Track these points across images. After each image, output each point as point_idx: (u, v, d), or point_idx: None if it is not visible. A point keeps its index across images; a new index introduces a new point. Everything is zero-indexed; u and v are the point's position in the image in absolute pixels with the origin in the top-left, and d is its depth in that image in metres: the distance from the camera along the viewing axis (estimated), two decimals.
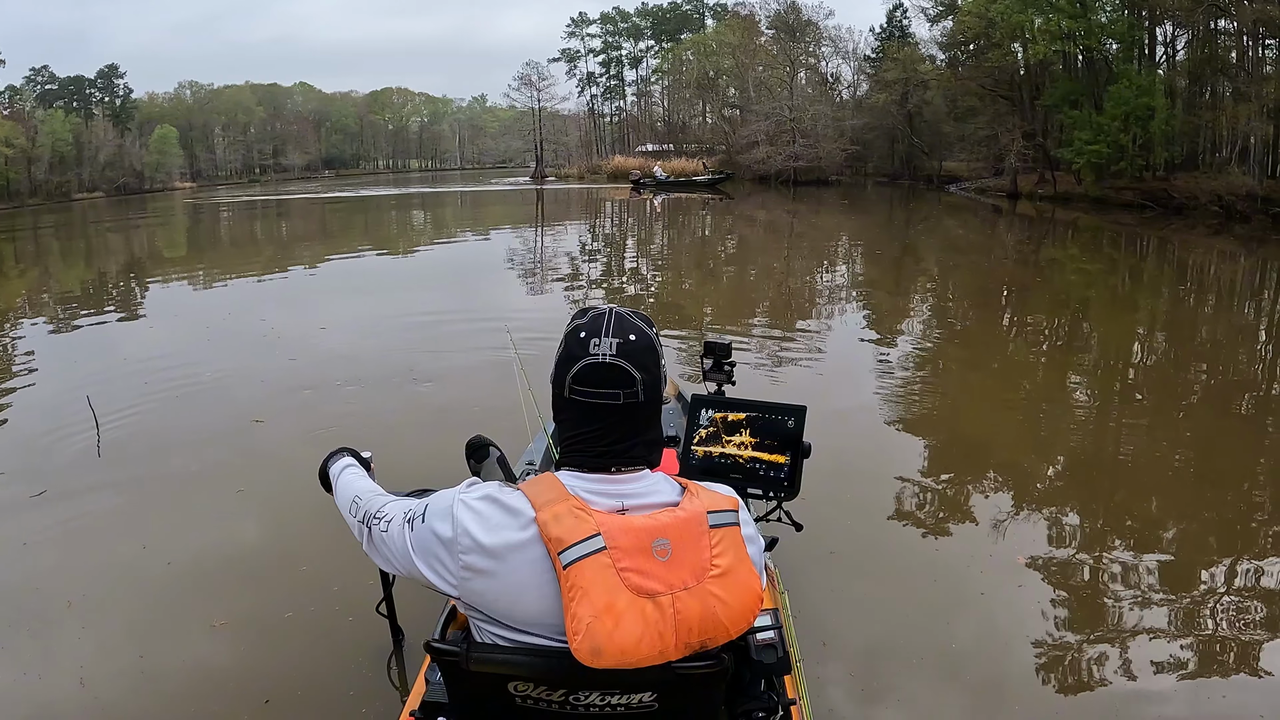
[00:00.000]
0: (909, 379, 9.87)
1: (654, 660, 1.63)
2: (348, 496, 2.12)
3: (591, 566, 1.61)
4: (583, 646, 1.59)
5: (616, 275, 20.01)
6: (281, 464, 6.84)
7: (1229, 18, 37.36)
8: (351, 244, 27.00)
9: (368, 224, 36.39)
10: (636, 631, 1.60)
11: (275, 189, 75.21)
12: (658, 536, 1.65)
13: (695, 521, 1.69)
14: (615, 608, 1.60)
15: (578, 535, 1.63)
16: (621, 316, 1.79)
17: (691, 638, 1.65)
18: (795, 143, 56.97)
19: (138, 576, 4.97)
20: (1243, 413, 8.88)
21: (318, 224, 36.79)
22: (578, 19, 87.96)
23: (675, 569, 1.65)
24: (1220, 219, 31.82)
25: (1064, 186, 41.84)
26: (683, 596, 1.64)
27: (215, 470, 6.75)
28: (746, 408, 2.83)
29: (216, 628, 4.38)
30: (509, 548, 1.68)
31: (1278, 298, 17.74)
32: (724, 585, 1.68)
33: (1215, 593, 4.73)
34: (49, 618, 4.50)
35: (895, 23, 62.62)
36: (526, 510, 1.69)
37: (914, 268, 21.61)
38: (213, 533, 5.56)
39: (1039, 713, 3.75)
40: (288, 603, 4.57)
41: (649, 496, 1.75)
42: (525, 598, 1.69)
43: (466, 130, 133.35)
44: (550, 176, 76.85)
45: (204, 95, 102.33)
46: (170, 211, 46.97)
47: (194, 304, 15.68)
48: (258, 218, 40.59)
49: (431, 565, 1.77)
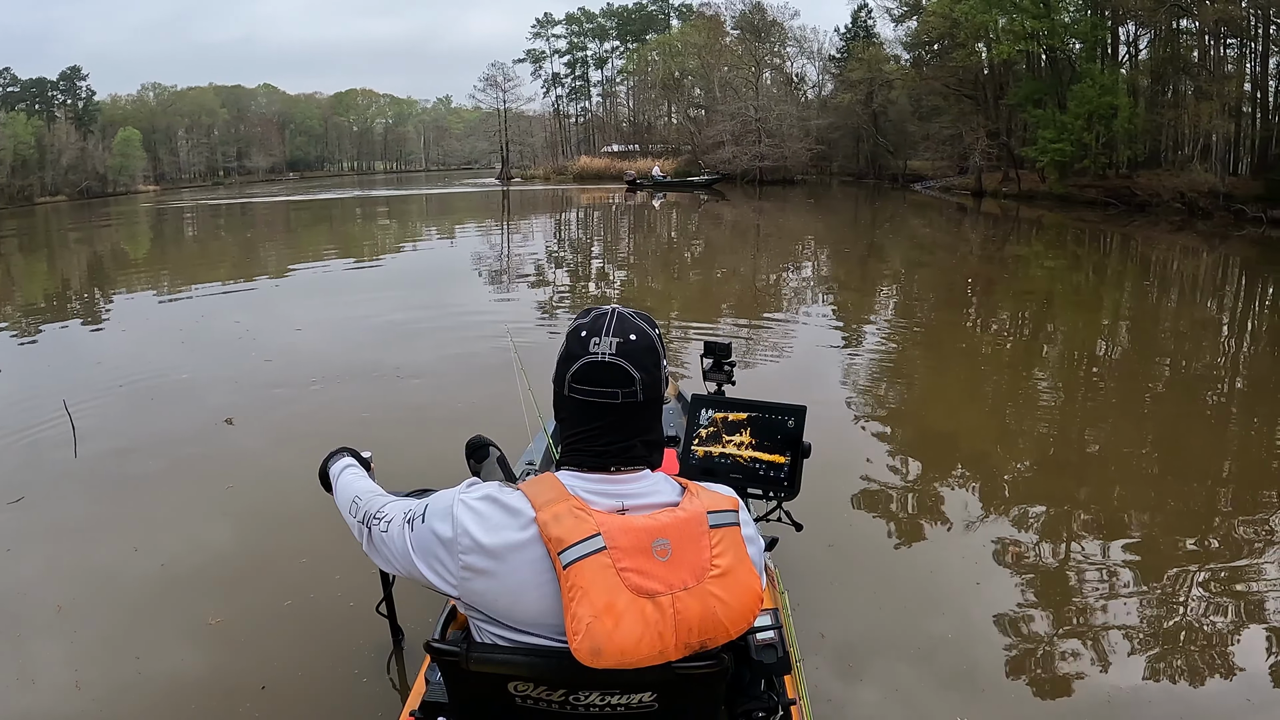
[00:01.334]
0: (878, 374, 9.84)
1: (654, 660, 1.62)
2: (348, 497, 2.11)
3: (591, 566, 1.60)
4: (583, 646, 1.58)
5: (604, 278, 19.90)
6: (267, 462, 6.79)
7: (1191, 17, 37.87)
8: (317, 249, 26.45)
9: (334, 229, 35.71)
10: (636, 632, 1.60)
11: (239, 192, 74.33)
12: (658, 536, 1.65)
13: (695, 521, 1.69)
14: (615, 608, 1.59)
15: (578, 535, 1.62)
16: (623, 316, 1.79)
17: (691, 638, 1.65)
18: (761, 143, 57.03)
19: (128, 578, 4.89)
20: (1207, 404, 8.93)
21: (284, 228, 36.16)
22: (543, 20, 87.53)
23: (675, 569, 1.65)
24: (1183, 215, 32.17)
25: (1028, 184, 42.24)
26: (683, 597, 1.64)
27: (200, 469, 6.66)
28: (746, 408, 2.86)
29: (212, 625, 4.35)
30: (509, 548, 1.67)
31: (1240, 292, 17.82)
32: (724, 585, 1.67)
33: (1182, 582, 4.77)
34: (38, 623, 4.41)
35: (860, 23, 63.00)
36: (526, 510, 1.69)
37: (880, 266, 21.57)
38: (203, 532, 5.50)
39: (1015, 696, 3.81)
40: (285, 602, 4.53)
41: (649, 496, 1.75)
42: (525, 598, 1.68)
43: (431, 132, 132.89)
44: (516, 177, 76.39)
45: (167, 97, 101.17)
46: (135, 216, 46.13)
47: (165, 309, 15.36)
48: (224, 222, 39.75)
49: (431, 565, 1.76)
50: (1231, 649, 4.09)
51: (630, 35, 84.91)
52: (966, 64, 46.84)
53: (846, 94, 57.27)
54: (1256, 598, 4.55)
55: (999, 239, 28.01)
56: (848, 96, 56.84)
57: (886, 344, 11.61)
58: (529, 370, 4.32)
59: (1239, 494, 6.24)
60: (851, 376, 9.65)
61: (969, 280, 18.44)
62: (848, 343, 11.64)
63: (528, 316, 13.40)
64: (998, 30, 43.92)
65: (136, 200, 69.56)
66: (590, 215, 41.39)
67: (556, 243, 27.98)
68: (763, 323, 12.69)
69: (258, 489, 6.22)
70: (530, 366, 4.34)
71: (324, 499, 2.38)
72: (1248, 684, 3.83)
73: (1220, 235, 27.04)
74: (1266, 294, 17.44)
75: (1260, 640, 4.17)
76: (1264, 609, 4.44)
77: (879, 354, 10.95)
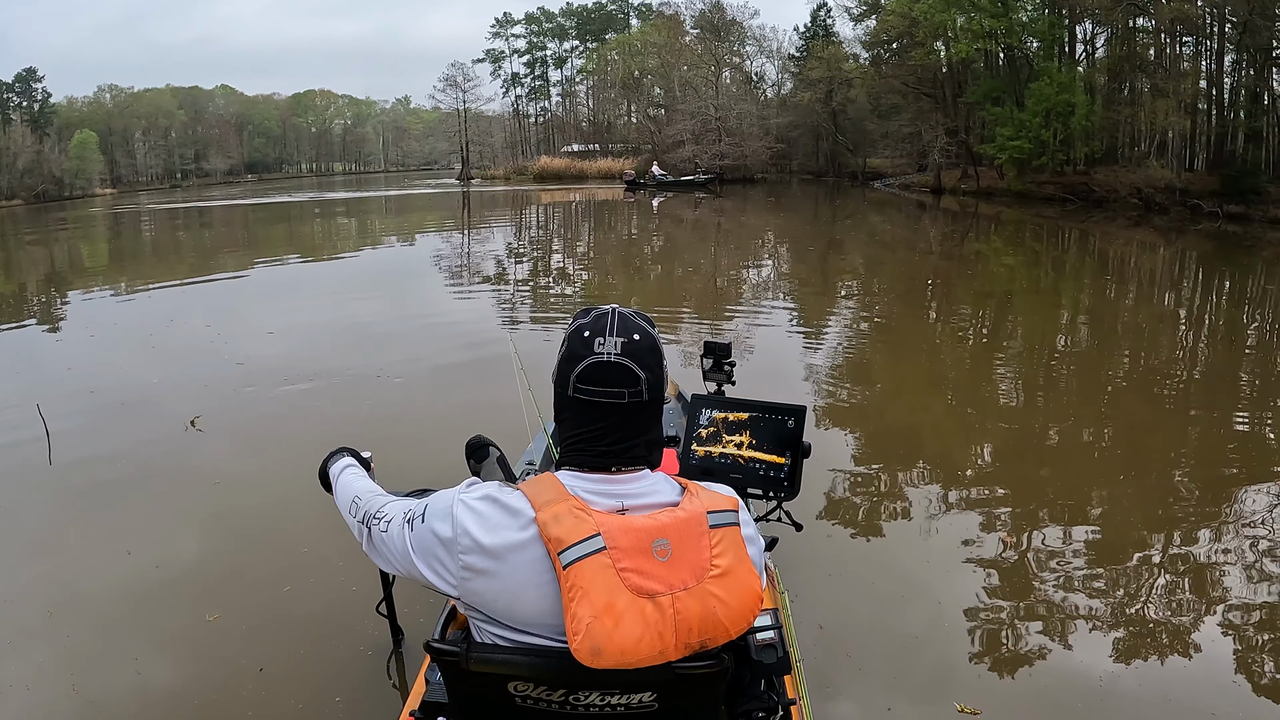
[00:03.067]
0: (840, 372, 9.84)
1: (654, 660, 1.62)
2: (347, 496, 2.10)
3: (591, 567, 1.60)
4: (582, 647, 1.57)
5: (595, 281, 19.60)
6: (251, 465, 6.77)
7: (1148, 16, 38.28)
8: (276, 251, 26.01)
9: (293, 232, 35.06)
10: (636, 632, 1.59)
11: (198, 194, 73.07)
12: (657, 537, 1.64)
13: (695, 521, 1.68)
14: (615, 608, 1.59)
15: (577, 535, 1.62)
16: (625, 316, 1.78)
17: (691, 638, 1.64)
18: (721, 141, 57.08)
19: (122, 581, 4.85)
20: (1165, 396, 9.04)
21: (244, 232, 35.43)
22: (502, 19, 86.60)
23: (675, 569, 1.64)
24: (1140, 211, 32.63)
25: (987, 181, 42.56)
26: (682, 597, 1.63)
27: (180, 472, 6.61)
28: (747, 408, 2.86)
29: (210, 621, 4.35)
30: (509, 548, 1.67)
31: (1197, 286, 18.09)
32: (724, 585, 1.66)
33: (1144, 570, 4.91)
34: (30, 629, 4.36)
35: (819, 22, 62.84)
36: (526, 510, 1.68)
37: (839, 263, 21.50)
38: (197, 534, 5.48)
39: (987, 685, 3.89)
40: (284, 601, 4.52)
41: (649, 496, 1.74)
42: (525, 598, 1.67)
43: (390, 132, 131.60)
44: (476, 178, 75.77)
45: (124, 99, 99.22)
46: (93, 221, 45.14)
47: (132, 314, 14.99)
48: (183, 226, 38.95)
49: (431, 565, 1.74)
50: (1195, 639, 4.19)
51: (590, 35, 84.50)
52: (925, 62, 46.96)
53: (806, 92, 57.21)
54: (1217, 579, 4.74)
55: (958, 236, 28.09)
56: (807, 95, 56.78)
57: (849, 340, 11.63)
58: (528, 370, 4.32)
59: (1199, 484, 6.37)
60: (814, 373, 9.62)
61: (929, 278, 18.45)
62: (809, 339, 11.66)
63: (511, 317, 13.42)
64: (956, 29, 44.15)
65: (94, 204, 67.97)
66: (554, 215, 41.09)
67: (531, 242, 27.79)
68: (726, 319, 12.69)
69: (250, 490, 6.18)
70: (531, 368, 4.26)
71: (323, 499, 2.39)
72: (1211, 663, 3.98)
73: (1177, 230, 27.47)
74: (1223, 287, 17.82)
75: (1219, 621, 4.31)
76: (1224, 590, 4.61)
77: (841, 349, 10.99)
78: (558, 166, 68.88)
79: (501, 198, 53.33)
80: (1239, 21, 33.86)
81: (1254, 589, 4.63)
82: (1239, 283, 18.26)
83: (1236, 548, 5.14)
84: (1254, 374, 10.06)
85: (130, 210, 54.33)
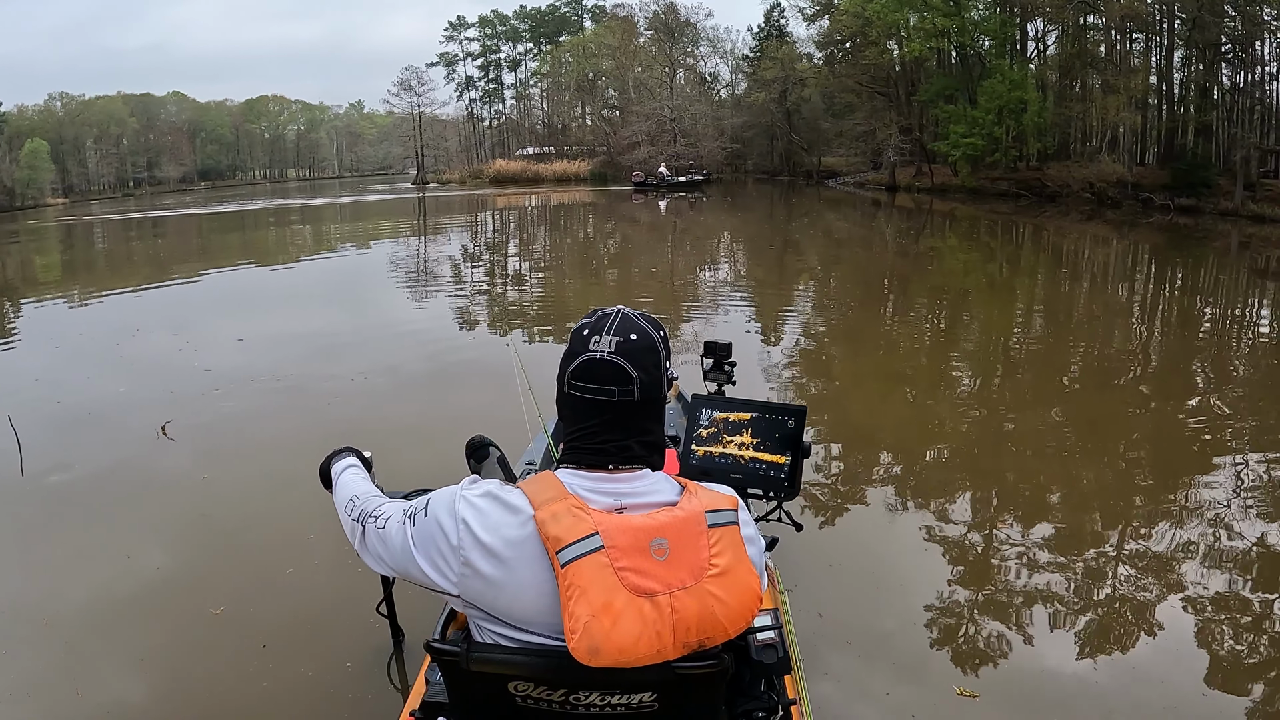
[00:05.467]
0: (797, 368, 9.80)
1: (652, 659, 1.60)
2: (345, 495, 2.07)
3: (589, 566, 1.59)
4: (580, 645, 1.56)
5: None
6: (236, 467, 6.69)
7: (1098, 13, 38.75)
8: (230, 259, 25.55)
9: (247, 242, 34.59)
10: (634, 631, 1.58)
11: (150, 203, 71.27)
12: (655, 536, 1.63)
13: (693, 521, 1.67)
14: (613, 607, 1.57)
15: (575, 534, 1.60)
16: (627, 316, 1.79)
17: (689, 637, 1.63)
18: (676, 142, 57.24)
19: (115, 584, 4.78)
20: (1120, 386, 9.03)
21: (199, 243, 34.76)
22: (456, 23, 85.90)
23: (673, 568, 1.63)
24: (1092, 205, 33.02)
25: (941, 178, 42.99)
26: (680, 596, 1.62)
27: (160, 479, 6.44)
28: (747, 408, 2.89)
29: (216, 614, 4.36)
30: (508, 545, 1.66)
31: (1149, 278, 18.28)
32: (722, 585, 1.65)
33: (1103, 560, 4.92)
34: (25, 638, 4.27)
35: (773, 22, 63.11)
36: (525, 508, 1.67)
37: (797, 262, 21.37)
38: (191, 536, 5.39)
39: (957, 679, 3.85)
40: (283, 600, 4.49)
41: (647, 496, 1.72)
42: (524, 596, 1.66)
43: (344, 138, 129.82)
44: (432, 182, 75.28)
45: (75, 107, 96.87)
46: (46, 234, 44.18)
47: (97, 325, 14.43)
48: (138, 237, 37.93)
49: (433, 560, 1.72)
50: (1158, 624, 4.23)
51: (543, 37, 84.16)
52: (878, 61, 47.36)
53: (760, 93, 57.40)
54: (1174, 568, 4.77)
55: (913, 232, 28.16)
56: (761, 95, 56.98)
57: (806, 337, 11.53)
58: (529, 371, 4.18)
59: (1153, 473, 6.46)
60: (773, 370, 9.53)
61: (885, 275, 18.40)
62: (766, 336, 11.52)
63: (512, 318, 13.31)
64: (909, 28, 44.58)
65: (45, 214, 66.11)
66: (510, 219, 40.60)
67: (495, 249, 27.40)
68: (685, 314, 12.65)
69: (233, 499, 6.03)
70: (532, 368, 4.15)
71: (318, 500, 2.38)
72: (1172, 649, 4.00)
73: (1129, 223, 27.81)
74: (1175, 278, 18.07)
75: (1179, 607, 4.36)
76: (1182, 578, 4.64)
77: (799, 347, 10.90)
78: (513, 169, 68.61)
79: (458, 202, 52.63)
80: (1188, 18, 34.36)
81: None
82: (1190, 274, 18.50)
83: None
84: (1205, 363, 10.14)
85: (84, 222, 53.02)
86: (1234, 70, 35.63)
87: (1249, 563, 4.81)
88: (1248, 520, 5.31)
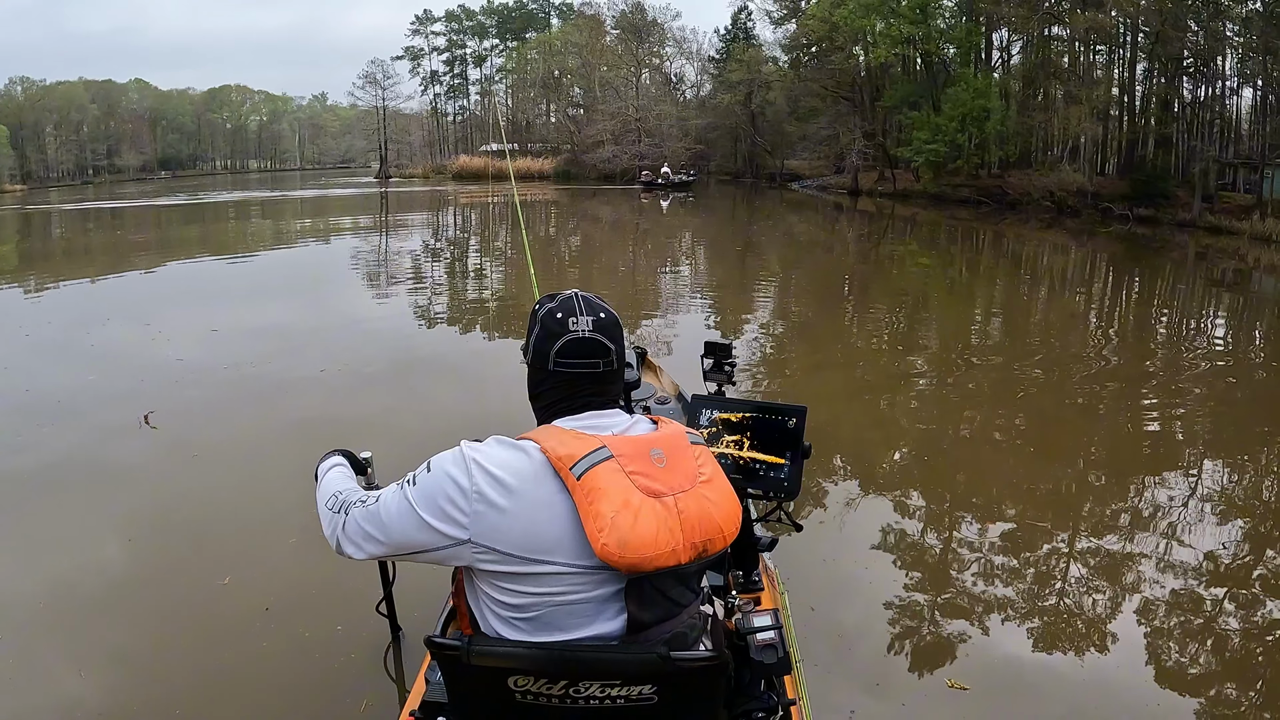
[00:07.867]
0: (759, 371, 9.75)
1: (669, 560, 1.68)
2: (329, 491, 2.07)
3: (604, 471, 1.68)
4: (610, 540, 1.63)
5: None
6: (212, 464, 6.52)
7: (1062, 25, 39.21)
8: (190, 251, 25.16)
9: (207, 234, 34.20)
10: (653, 526, 1.67)
11: (109, 192, 70.10)
12: (653, 447, 1.76)
13: (679, 437, 1.84)
14: (631, 504, 1.66)
15: (585, 449, 1.71)
16: (587, 298, 1.91)
17: (695, 537, 1.72)
18: (640, 142, 57.05)
19: (109, 578, 4.77)
20: (1076, 391, 9.09)
21: (161, 234, 34.30)
22: (422, 16, 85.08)
23: (672, 474, 1.75)
24: (1052, 214, 33.24)
25: (903, 184, 43.04)
26: (682, 498, 1.73)
27: (146, 471, 6.38)
28: (747, 408, 2.92)
29: (225, 584, 4.50)
30: (520, 476, 1.71)
31: (1107, 286, 18.44)
32: (712, 490, 1.79)
33: (1058, 558, 5.02)
34: (21, 630, 4.24)
35: (740, 24, 63.21)
36: (531, 445, 1.75)
37: (757, 263, 21.29)
38: (188, 532, 5.29)
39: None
40: (282, 600, 4.45)
41: (632, 428, 1.85)
42: (539, 517, 1.70)
43: (307, 129, 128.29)
44: (395, 177, 74.62)
45: (35, 92, 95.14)
46: (3, 222, 43.41)
47: (63, 313, 14.10)
48: (98, 227, 37.44)
49: (440, 509, 1.74)
50: (1114, 625, 4.29)
51: (510, 34, 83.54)
52: (844, 67, 47.60)
53: (725, 94, 57.36)
54: (1129, 568, 4.85)
55: (875, 236, 28.19)
56: (727, 97, 56.90)
57: (767, 339, 11.55)
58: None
59: (1109, 475, 6.62)
60: (759, 369, 9.62)
61: (847, 277, 18.45)
62: (727, 336, 11.23)
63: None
64: (875, 34, 44.77)
65: (2, 201, 65.47)
66: (471, 217, 40.30)
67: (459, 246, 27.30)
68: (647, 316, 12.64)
69: (241, 493, 5.98)
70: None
71: (308, 502, 2.29)
72: (1126, 648, 4.06)
73: (1088, 232, 28.08)
74: (1132, 286, 18.22)
75: (1133, 607, 4.44)
76: (1137, 577, 4.73)
77: (759, 348, 10.88)
78: (476, 165, 67.99)
79: (421, 198, 51.92)
80: (1151, 31, 34.67)
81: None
82: (1148, 282, 18.66)
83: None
84: (1160, 369, 10.18)
85: (42, 209, 51.96)
86: (1195, 84, 36.12)
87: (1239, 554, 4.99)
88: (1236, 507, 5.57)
